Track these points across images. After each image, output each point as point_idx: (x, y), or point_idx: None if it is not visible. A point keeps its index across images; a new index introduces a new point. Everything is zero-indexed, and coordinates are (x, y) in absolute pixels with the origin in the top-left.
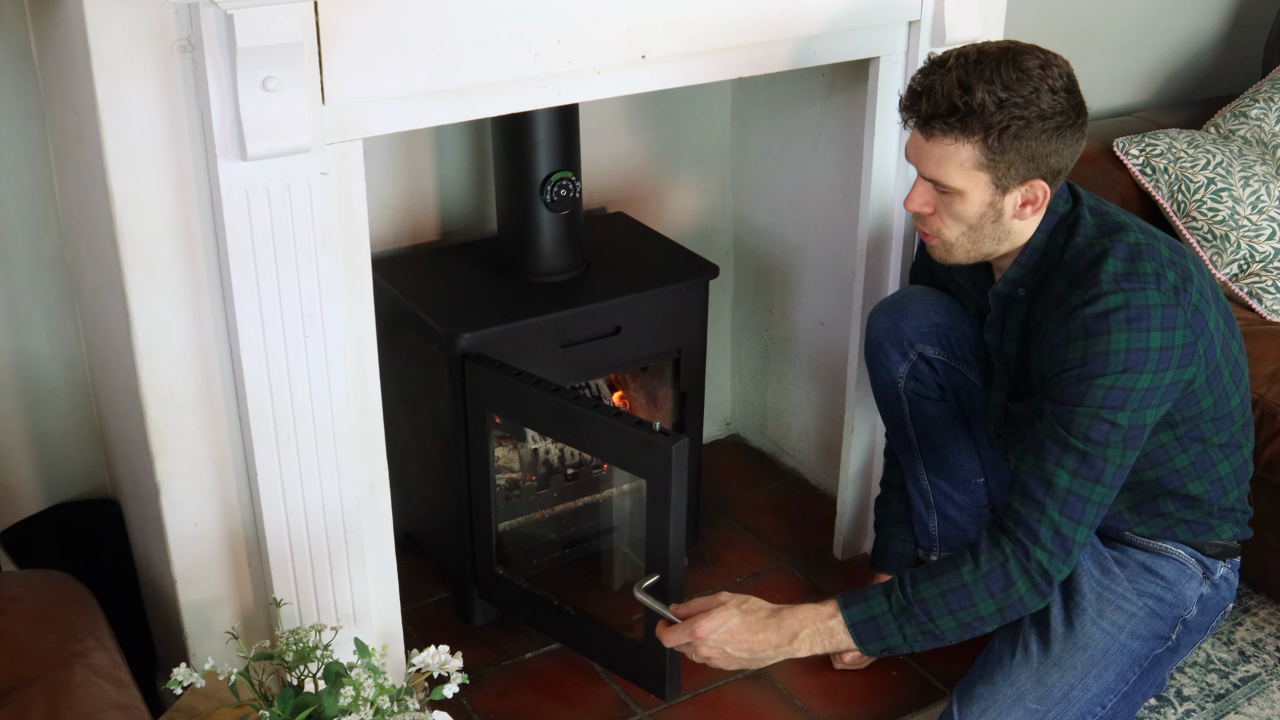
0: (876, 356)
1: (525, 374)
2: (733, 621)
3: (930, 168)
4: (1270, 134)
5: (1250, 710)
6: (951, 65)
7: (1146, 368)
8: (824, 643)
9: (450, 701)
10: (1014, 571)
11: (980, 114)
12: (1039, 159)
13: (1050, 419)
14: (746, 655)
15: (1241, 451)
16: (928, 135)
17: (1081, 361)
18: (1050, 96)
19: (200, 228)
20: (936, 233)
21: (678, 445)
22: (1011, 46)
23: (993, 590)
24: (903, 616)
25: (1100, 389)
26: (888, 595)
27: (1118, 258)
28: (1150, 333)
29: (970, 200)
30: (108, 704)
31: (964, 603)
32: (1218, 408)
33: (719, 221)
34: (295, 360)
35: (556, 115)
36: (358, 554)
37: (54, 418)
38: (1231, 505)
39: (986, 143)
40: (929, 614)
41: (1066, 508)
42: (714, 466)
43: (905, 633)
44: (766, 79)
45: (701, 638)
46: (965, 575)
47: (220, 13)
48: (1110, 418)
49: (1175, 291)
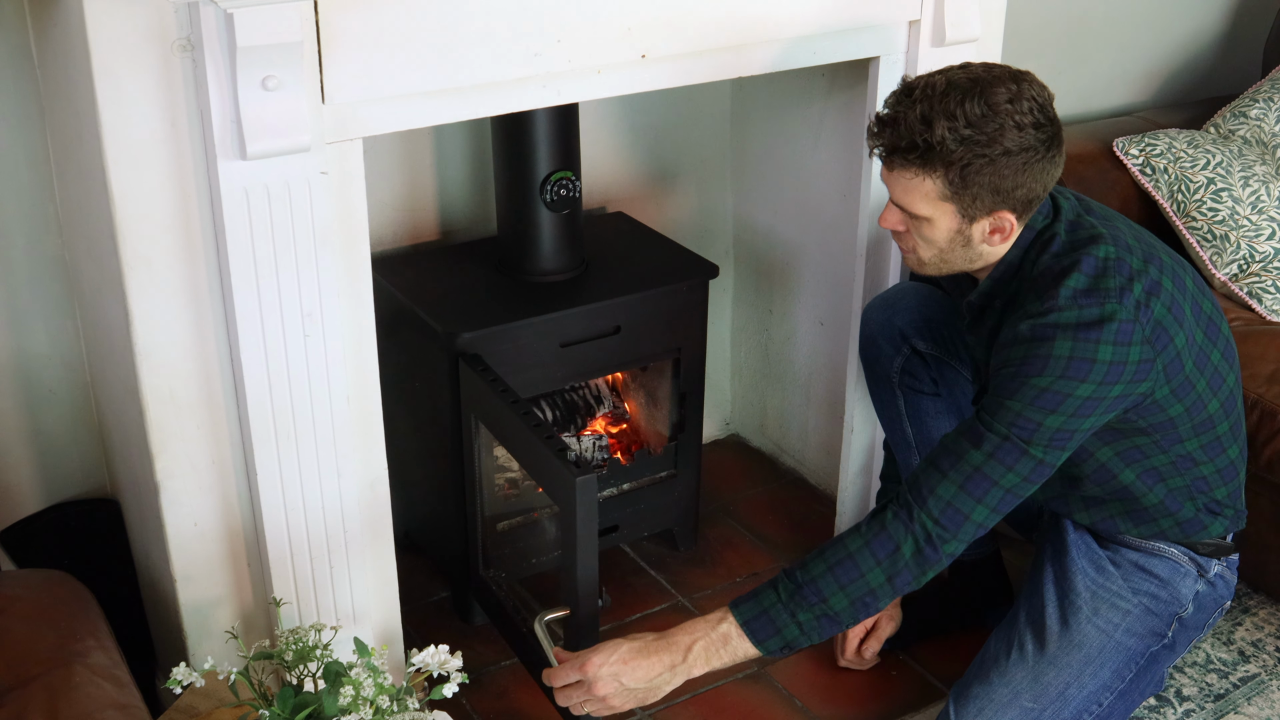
0: (870, 352)
1: (498, 379)
2: (621, 649)
3: (898, 195)
4: (1270, 134)
5: (1250, 710)
6: (917, 97)
7: (1090, 378)
8: (719, 652)
9: (450, 701)
10: (897, 533)
11: (940, 151)
12: (1004, 192)
13: (981, 408)
14: (643, 685)
15: (1227, 453)
16: (889, 167)
17: (1021, 361)
18: (1016, 134)
19: (200, 227)
20: (911, 249)
21: (583, 479)
22: (983, 77)
23: (878, 556)
24: (794, 603)
25: (1033, 388)
26: (775, 586)
27: (1083, 272)
28: (1100, 345)
29: (938, 226)
30: (107, 703)
31: (853, 574)
32: (1192, 414)
33: (719, 221)
34: (295, 359)
35: (556, 115)
36: (357, 553)
37: (54, 417)
38: (1220, 501)
39: (948, 178)
40: (820, 594)
41: (969, 483)
42: (714, 466)
43: (800, 620)
44: (766, 79)
45: (592, 672)
46: (850, 544)
47: (220, 12)
48: (1038, 417)
49: (1139, 306)
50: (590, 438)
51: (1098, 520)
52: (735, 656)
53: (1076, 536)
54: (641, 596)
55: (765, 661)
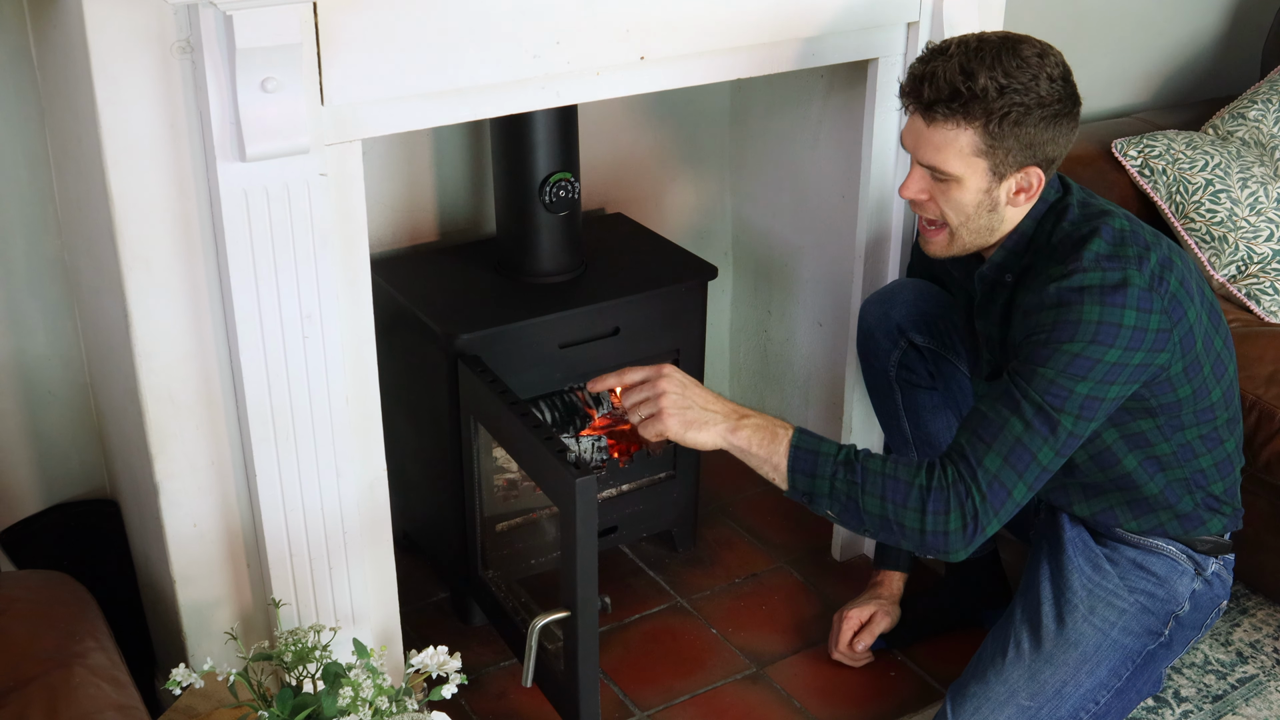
0: (868, 346)
1: (497, 380)
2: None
3: (929, 154)
4: (1268, 135)
5: (1248, 711)
6: (953, 52)
7: (1117, 343)
8: (762, 442)
9: (449, 702)
10: (952, 502)
11: (983, 99)
12: (1035, 146)
13: (1014, 374)
14: (698, 408)
15: (1224, 446)
16: (929, 120)
17: (1051, 326)
18: (1049, 84)
19: (199, 228)
20: (935, 218)
21: (582, 481)
22: (1009, 35)
23: (928, 507)
24: (843, 468)
25: (1065, 354)
26: (841, 446)
27: (1104, 239)
28: (1125, 310)
29: (967, 187)
30: (107, 704)
31: (899, 498)
32: (1197, 399)
33: (718, 222)
34: (294, 361)
35: (555, 116)
36: (356, 554)
37: (53, 418)
38: (1218, 497)
39: (988, 129)
40: (864, 484)
41: (1012, 456)
42: (713, 466)
43: (835, 482)
44: (765, 80)
45: (669, 371)
46: (912, 477)
47: (219, 13)
48: (1070, 385)
49: (1155, 277)
50: (589, 439)
51: (1097, 511)
52: (769, 459)
53: (1073, 534)
54: (640, 597)
55: (764, 661)
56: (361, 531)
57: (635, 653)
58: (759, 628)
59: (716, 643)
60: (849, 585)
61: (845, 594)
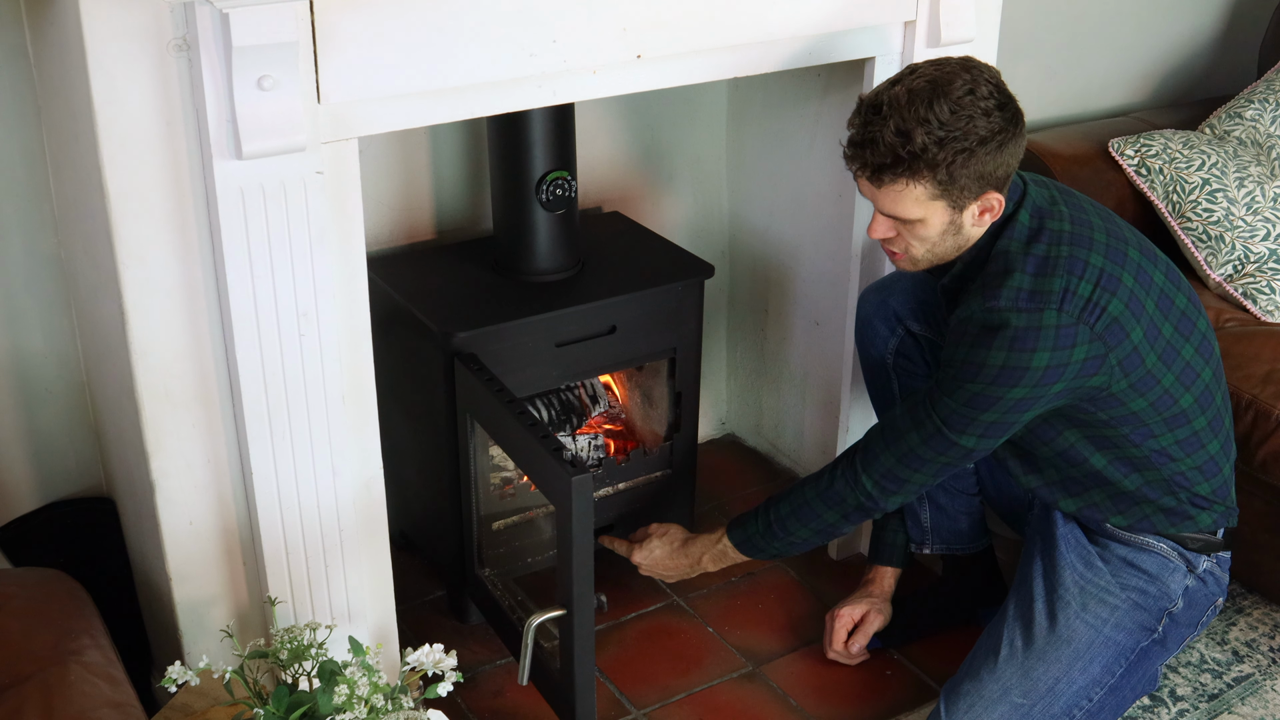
0: (865, 334)
1: (493, 378)
2: (656, 552)
3: (887, 205)
4: (1265, 135)
5: (1244, 710)
6: (886, 113)
7: (1023, 383)
8: (722, 560)
9: (444, 700)
10: (844, 493)
11: (924, 156)
12: (986, 175)
13: (927, 390)
14: (673, 573)
15: (1206, 448)
16: (877, 184)
17: (961, 364)
18: (985, 120)
19: (195, 226)
20: (904, 251)
21: (578, 479)
22: (937, 77)
23: (830, 503)
24: (768, 536)
25: (967, 392)
26: (756, 518)
27: (1025, 272)
28: (1037, 353)
29: (930, 224)
30: (102, 702)
31: (812, 517)
32: (1159, 409)
33: (715, 221)
34: (290, 359)
35: (552, 115)
36: (353, 552)
37: (49, 416)
38: (1206, 495)
39: (936, 178)
40: (787, 531)
41: (906, 459)
42: (709, 466)
43: (776, 546)
44: (762, 79)
45: (638, 562)
46: (808, 493)
47: (216, 11)
48: (971, 414)
49: (1084, 307)
50: (586, 437)
51: (1084, 507)
52: (736, 561)
53: (1065, 530)
54: (636, 596)
55: (760, 660)
56: (358, 529)
57: (631, 651)
58: (755, 626)
59: (712, 641)
60: (845, 584)
61: (841, 592)
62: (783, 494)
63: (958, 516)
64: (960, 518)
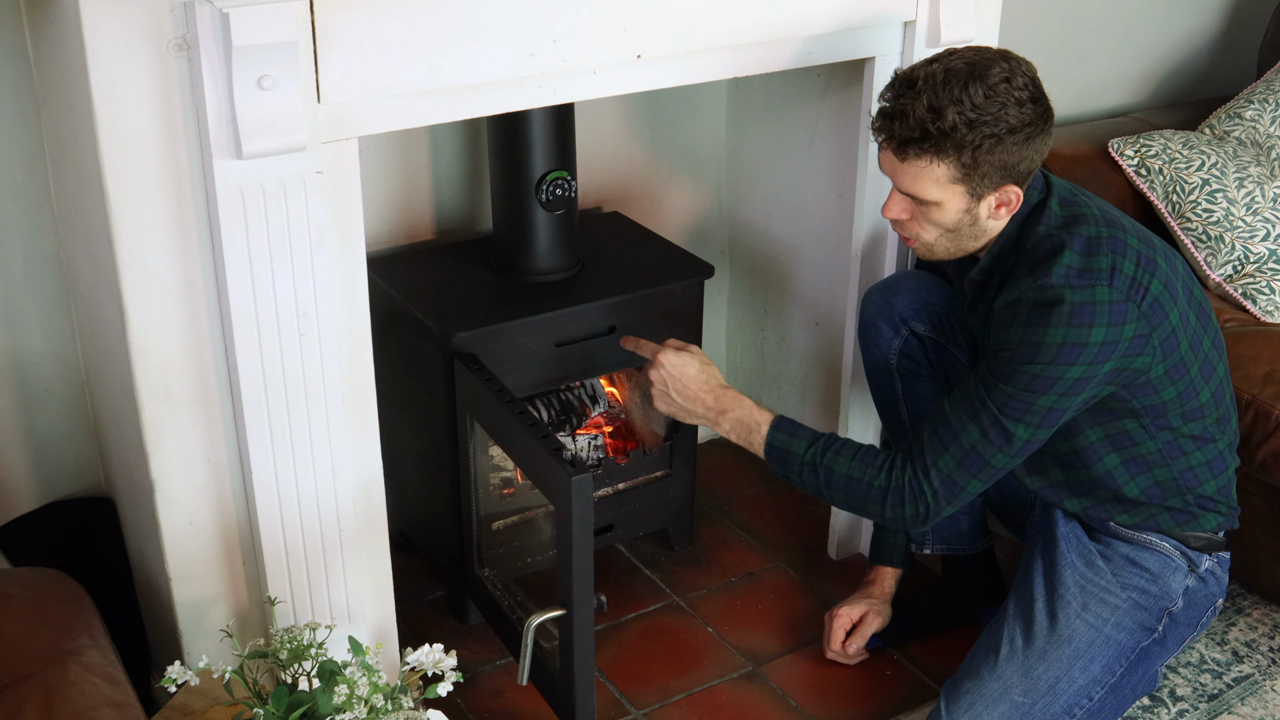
0: (869, 334)
1: (493, 378)
2: (690, 369)
3: (906, 183)
4: (1265, 135)
5: (1243, 710)
6: (920, 88)
7: (1080, 360)
8: (740, 436)
9: (444, 700)
10: (907, 497)
11: (953, 135)
12: (1009, 167)
13: (978, 381)
14: (681, 402)
15: (1216, 444)
16: (902, 157)
17: (1017, 345)
18: (1017, 110)
19: (195, 226)
20: (916, 236)
21: (578, 479)
22: (976, 60)
23: (885, 501)
24: (808, 468)
25: (1026, 374)
26: (810, 444)
27: (1074, 250)
28: (1094, 328)
29: (947, 209)
30: (102, 701)
31: (859, 494)
32: (1184, 401)
33: (714, 221)
34: (290, 358)
35: (552, 114)
36: (352, 552)
37: (49, 415)
38: (1211, 496)
39: (961, 160)
40: (829, 481)
41: (966, 461)
42: (709, 466)
43: (803, 478)
44: (762, 79)
45: (661, 362)
46: (870, 477)
47: (216, 11)
48: (1030, 399)
49: (1130, 285)
50: (585, 437)
51: (1089, 506)
52: (747, 446)
53: (1067, 529)
54: (637, 596)
55: (760, 660)
56: (357, 529)
57: (631, 651)
58: (755, 626)
59: (712, 641)
60: (845, 584)
61: (841, 593)
62: (845, 445)
63: (958, 517)
64: (961, 518)
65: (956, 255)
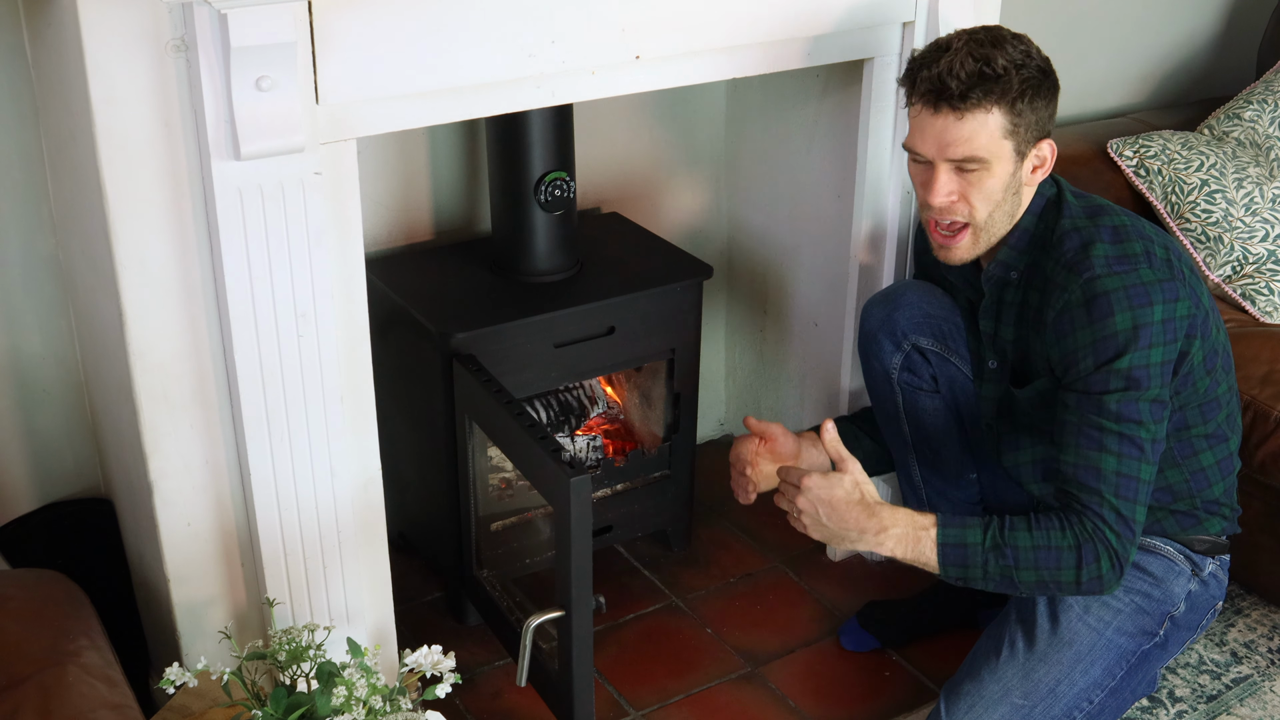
0: (870, 348)
1: (491, 379)
2: (839, 491)
3: (959, 147)
4: (1264, 136)
5: (1242, 711)
6: (958, 46)
7: (1155, 341)
8: (908, 548)
9: (443, 701)
10: (1100, 551)
11: (1005, 78)
12: (1042, 119)
13: (1079, 409)
14: (834, 527)
15: (1227, 444)
16: (960, 111)
17: (1091, 346)
18: (1040, 57)
19: (194, 227)
20: (968, 217)
21: (577, 480)
22: (988, 26)
23: (1082, 562)
24: (993, 553)
25: (1118, 374)
26: (985, 529)
27: (1105, 241)
28: (1153, 307)
29: (995, 173)
30: (100, 703)
31: (1052, 564)
32: (1207, 393)
33: (713, 222)
34: (289, 360)
35: (551, 115)
36: (351, 554)
37: (47, 417)
38: (1217, 499)
39: (1013, 108)
40: (1017, 561)
41: (1121, 490)
42: (708, 466)
43: (988, 569)
44: (761, 80)
45: (808, 487)
46: (1057, 539)
47: (214, 12)
48: (1135, 397)
49: (1168, 265)
50: (584, 438)
51: None
52: (918, 559)
53: None
54: (635, 597)
55: (759, 661)
56: (356, 531)
57: (630, 652)
58: (754, 627)
59: (711, 642)
60: (844, 585)
61: (840, 594)
62: (1017, 520)
63: None
64: None
65: (993, 242)
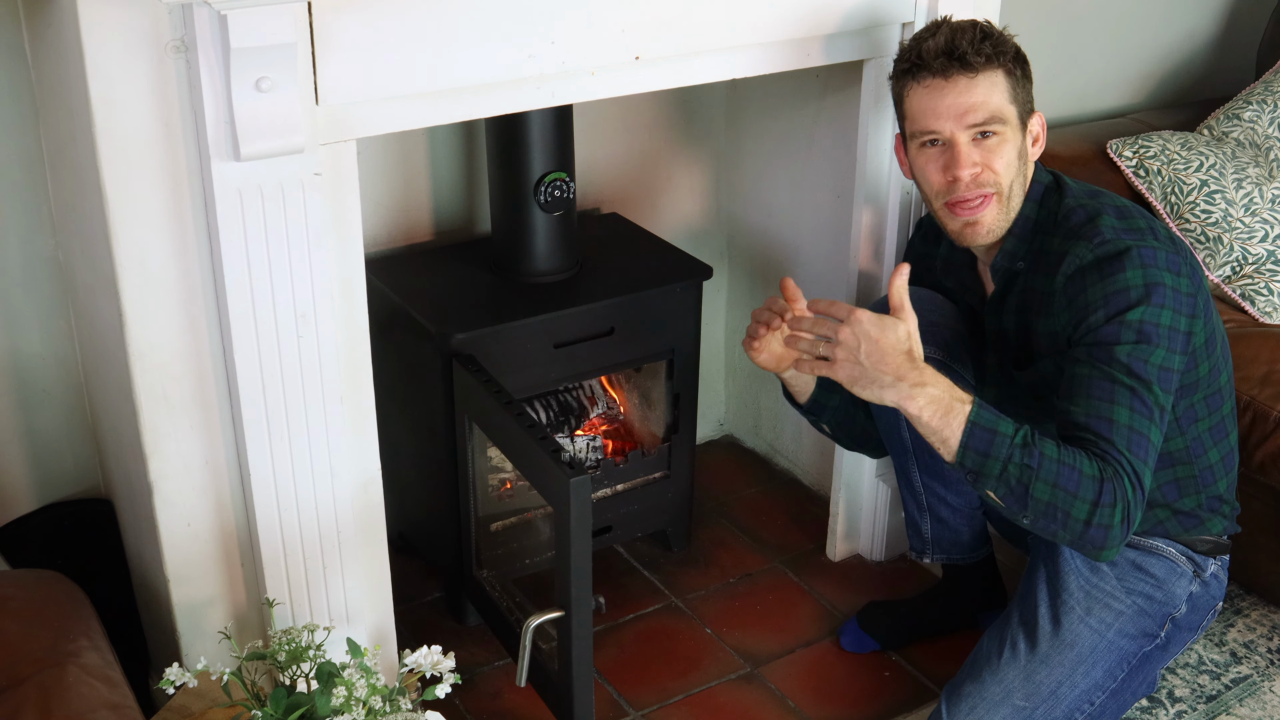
0: None
1: (491, 379)
2: (890, 335)
3: (978, 112)
4: (1263, 136)
5: (1242, 711)
6: (948, 27)
7: (1166, 303)
8: (936, 413)
9: (443, 702)
10: (1118, 494)
11: (1003, 40)
12: (1030, 92)
13: (1090, 361)
14: (870, 367)
15: (1229, 439)
16: (974, 72)
17: (1104, 300)
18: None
19: (194, 228)
20: (995, 185)
21: (577, 480)
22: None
23: (1102, 498)
24: (1021, 449)
25: (1130, 326)
26: (1017, 427)
27: (1110, 215)
28: (1163, 271)
29: (1010, 139)
30: (100, 703)
31: (1071, 486)
32: (1210, 381)
33: (713, 222)
34: (289, 360)
35: (551, 116)
36: (351, 554)
37: (47, 417)
38: (1221, 494)
39: (1013, 72)
40: (1039, 469)
41: (1134, 446)
42: (708, 467)
43: (1008, 466)
44: (760, 80)
45: (859, 319)
46: (1084, 465)
47: (214, 13)
48: (1145, 355)
49: (1171, 242)
50: (584, 438)
51: None
52: (941, 430)
53: None
54: (635, 597)
55: (759, 661)
56: (356, 531)
57: (629, 652)
58: (753, 628)
59: (711, 642)
60: (844, 585)
61: (840, 594)
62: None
63: (959, 529)
64: (962, 530)
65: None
